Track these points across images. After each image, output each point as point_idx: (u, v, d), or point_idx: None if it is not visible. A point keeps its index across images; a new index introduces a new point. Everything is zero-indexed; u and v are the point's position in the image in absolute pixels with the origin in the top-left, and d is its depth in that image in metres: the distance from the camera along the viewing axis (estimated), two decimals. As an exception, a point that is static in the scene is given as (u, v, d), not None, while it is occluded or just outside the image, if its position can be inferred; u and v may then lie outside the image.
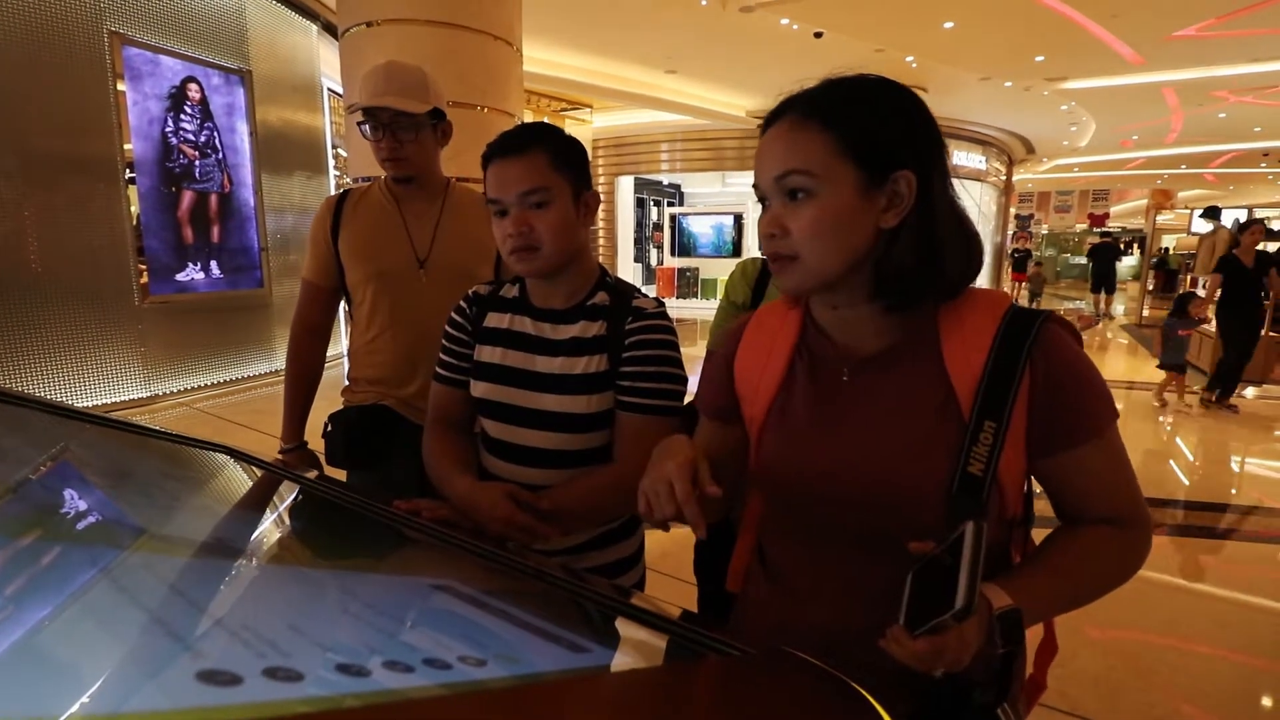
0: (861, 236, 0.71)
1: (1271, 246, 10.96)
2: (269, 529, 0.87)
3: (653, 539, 1.54)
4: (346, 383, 1.67)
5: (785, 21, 7.99)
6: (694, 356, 1.53)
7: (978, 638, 0.61)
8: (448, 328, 1.21)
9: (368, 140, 1.53)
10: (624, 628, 0.64)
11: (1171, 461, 4.82)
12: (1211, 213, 10.34)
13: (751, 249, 15.33)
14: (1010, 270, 14.12)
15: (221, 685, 0.34)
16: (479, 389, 1.15)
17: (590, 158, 1.19)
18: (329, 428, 1.61)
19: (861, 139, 0.70)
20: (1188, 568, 3.08)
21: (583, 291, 1.12)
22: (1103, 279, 13.98)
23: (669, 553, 3.03)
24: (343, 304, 1.73)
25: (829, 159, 0.70)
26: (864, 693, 0.51)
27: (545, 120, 11.38)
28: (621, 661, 0.61)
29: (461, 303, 1.21)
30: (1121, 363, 8.61)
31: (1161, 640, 2.40)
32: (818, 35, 8.44)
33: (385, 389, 1.59)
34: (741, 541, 0.92)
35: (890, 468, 0.74)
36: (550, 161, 1.04)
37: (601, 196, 1.26)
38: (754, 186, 0.76)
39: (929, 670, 0.61)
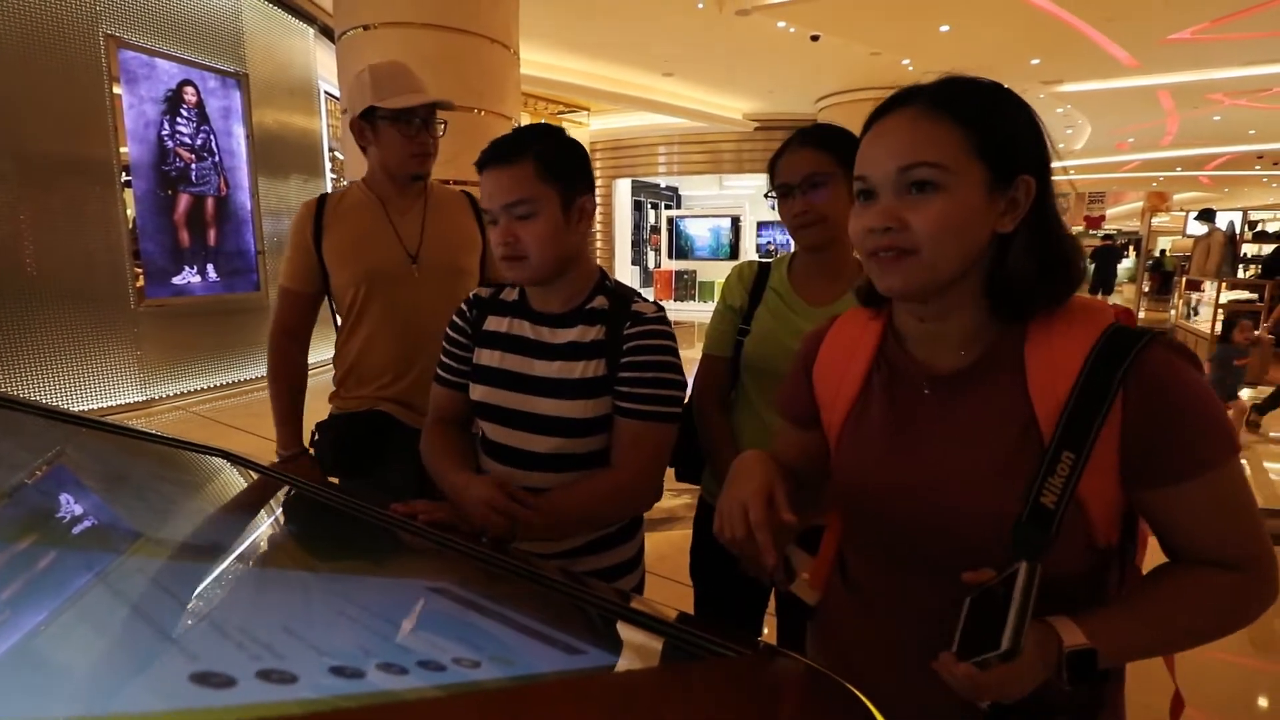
0: (980, 239, 0.68)
1: (1267, 249, 11.02)
2: (265, 532, 0.87)
3: (649, 542, 1.54)
4: (334, 387, 1.65)
5: (782, 25, 8.02)
6: (691, 359, 1.51)
7: (1031, 675, 0.61)
8: (449, 330, 1.21)
9: (391, 136, 1.54)
10: (620, 629, 0.64)
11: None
12: (1206, 215, 10.39)
13: (749, 251, 15.37)
14: None
15: (216, 688, 0.34)
16: (477, 392, 1.15)
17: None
18: (316, 437, 1.61)
19: (992, 138, 0.67)
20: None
21: (581, 295, 1.12)
22: (1102, 280, 14.39)
23: (665, 555, 3.03)
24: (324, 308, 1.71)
25: (961, 154, 0.66)
26: (860, 696, 0.51)
27: (544, 122, 11.39)
28: (617, 663, 0.61)
29: (463, 305, 1.21)
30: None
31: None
32: (814, 38, 8.46)
33: (379, 389, 1.58)
34: (825, 548, 0.88)
35: (961, 492, 0.71)
36: (537, 171, 1.03)
37: (598, 200, 1.27)
38: (858, 178, 0.72)
39: (975, 700, 0.61)
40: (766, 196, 1.31)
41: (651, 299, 1.22)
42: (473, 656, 0.47)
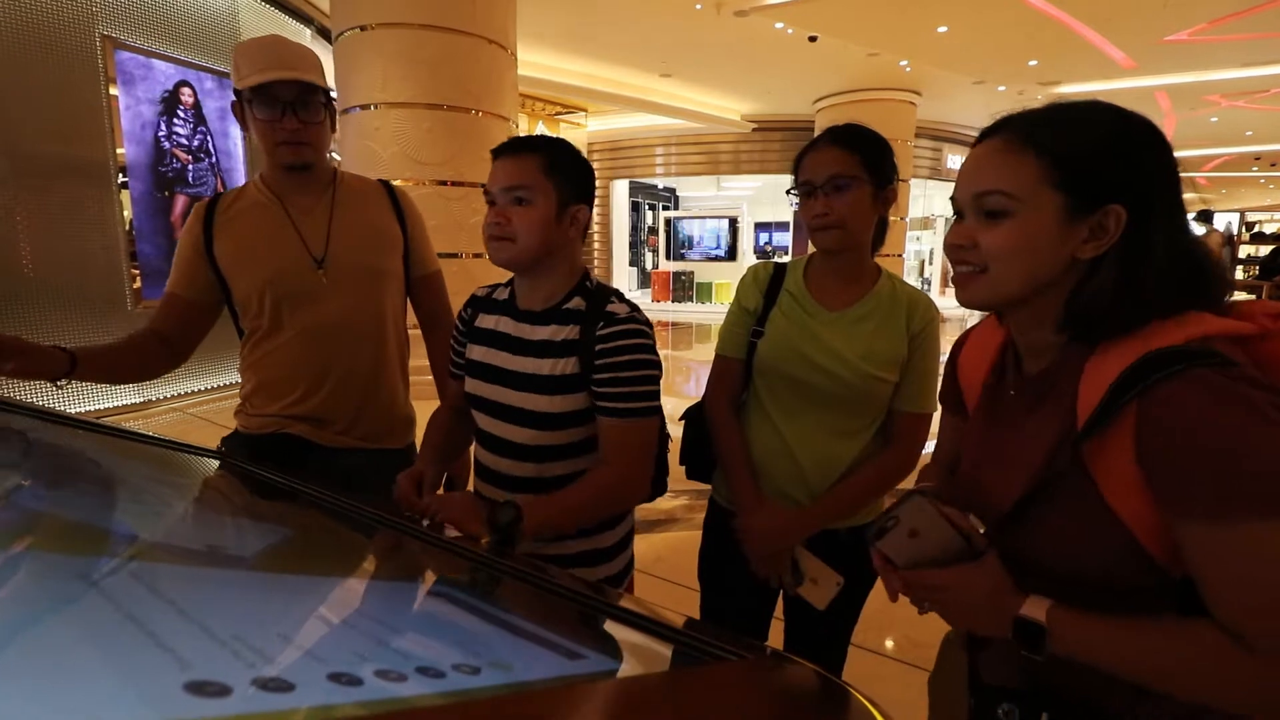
0: (1052, 263, 0.71)
1: (1263, 250, 11.05)
2: (261, 536, 0.86)
3: (646, 543, 1.53)
4: (240, 401, 1.49)
5: (779, 26, 8.02)
6: (689, 359, 1.52)
7: (971, 610, 0.73)
8: (455, 325, 1.30)
9: (255, 122, 1.33)
10: (623, 634, 0.64)
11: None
12: (1204, 216, 10.42)
13: (746, 253, 15.37)
14: None
15: (210, 697, 0.33)
16: (468, 384, 1.23)
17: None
18: (222, 448, 1.47)
19: (1072, 169, 0.69)
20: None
21: (559, 295, 1.17)
22: None
23: (662, 557, 3.03)
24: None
25: (1034, 185, 0.70)
26: (863, 699, 0.51)
27: (558, 135, 11.38)
28: (620, 669, 0.61)
29: (465, 304, 1.29)
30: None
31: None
32: (812, 39, 8.47)
33: (287, 406, 1.41)
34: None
35: (1008, 499, 0.76)
36: (541, 166, 1.10)
37: (595, 206, 1.27)
38: (951, 199, 0.78)
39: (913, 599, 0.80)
40: (788, 193, 1.28)
41: (649, 299, 1.26)
42: (473, 663, 0.46)
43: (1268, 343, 0.68)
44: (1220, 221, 10.43)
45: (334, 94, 5.99)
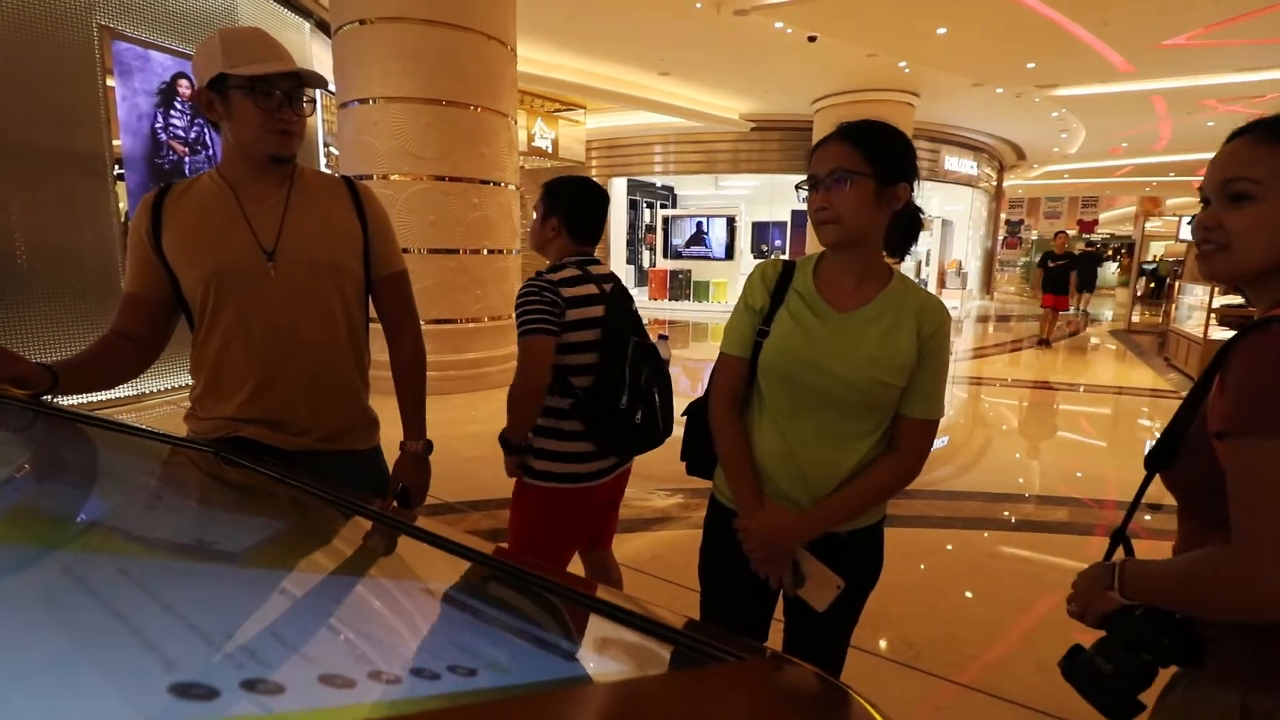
0: None
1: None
2: (253, 531, 0.86)
3: (642, 541, 1.53)
4: (190, 404, 1.44)
5: (779, 25, 8.02)
6: (687, 357, 1.53)
7: (1092, 586, 0.92)
8: None
9: (251, 111, 1.30)
10: (620, 634, 0.63)
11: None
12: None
13: (744, 252, 15.37)
14: (1040, 288, 10.01)
15: (197, 700, 0.33)
16: None
17: (584, 159, 1.21)
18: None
19: None
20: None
21: None
22: (1086, 282, 15.77)
23: (659, 555, 3.03)
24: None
25: (1278, 172, 0.80)
26: (862, 700, 0.51)
27: (555, 132, 11.34)
28: (618, 670, 0.60)
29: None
30: (1111, 368, 8.68)
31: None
32: (811, 39, 8.47)
33: (239, 407, 1.37)
34: None
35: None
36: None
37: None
38: (1199, 188, 0.90)
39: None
40: (797, 188, 1.26)
41: (646, 298, 1.27)
42: (469, 664, 0.46)
43: None
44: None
45: (331, 89, 5.98)
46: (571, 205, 1.79)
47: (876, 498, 1.26)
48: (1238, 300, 8.62)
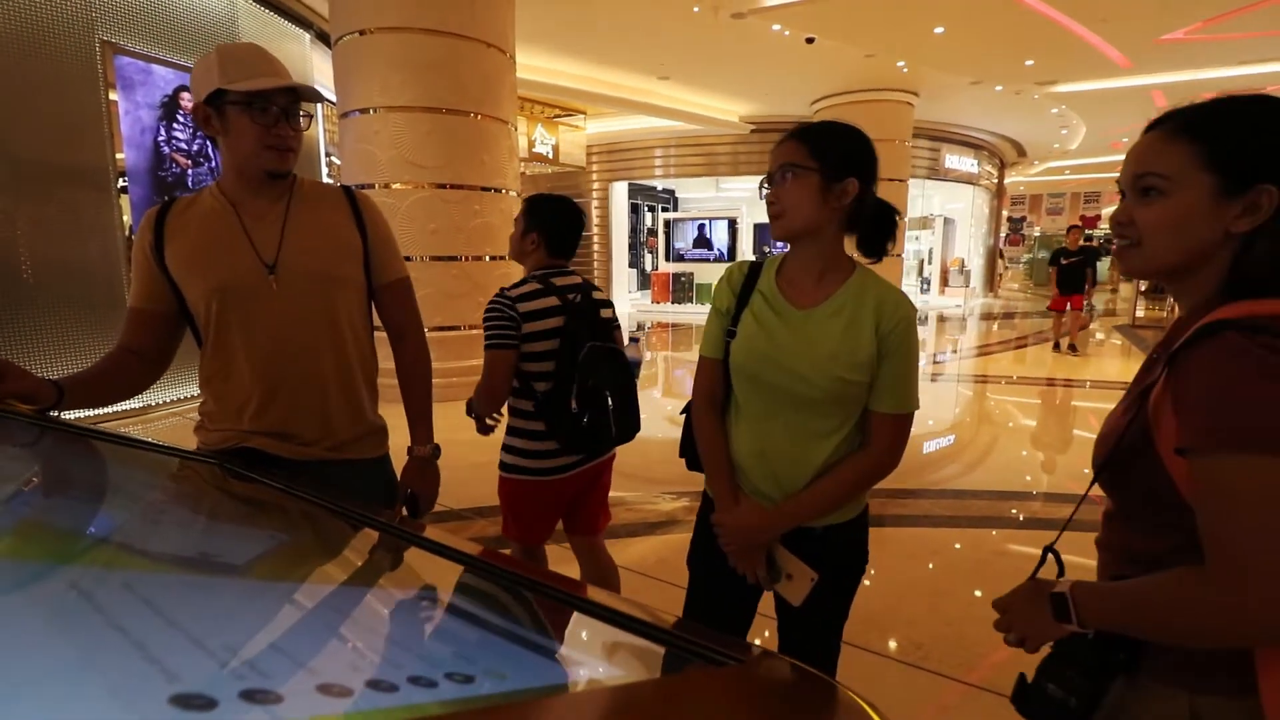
0: (1201, 236, 0.79)
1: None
2: (256, 542, 0.86)
3: (647, 545, 1.53)
4: (199, 418, 1.45)
5: (777, 28, 8.03)
6: (690, 360, 1.55)
7: (1029, 613, 0.88)
8: None
9: (248, 126, 1.30)
10: (617, 637, 0.63)
11: None
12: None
13: (746, 253, 15.37)
14: (1054, 285, 8.90)
15: (197, 710, 0.33)
16: None
17: (584, 164, 1.24)
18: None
19: (1223, 153, 0.77)
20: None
21: None
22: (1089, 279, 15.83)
23: (664, 559, 3.02)
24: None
25: (1185, 168, 0.78)
26: (860, 701, 0.51)
27: (555, 138, 11.37)
28: (614, 673, 0.60)
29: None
30: (1116, 363, 8.65)
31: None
32: (809, 41, 8.48)
33: (247, 419, 1.38)
34: None
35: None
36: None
37: (594, 202, 1.29)
38: (1116, 180, 0.89)
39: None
40: (760, 187, 1.29)
41: (649, 301, 1.27)
42: (465, 671, 0.46)
43: None
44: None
45: (332, 99, 6.01)
46: (552, 222, 1.97)
47: (846, 493, 1.27)
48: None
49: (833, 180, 1.19)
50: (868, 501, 1.37)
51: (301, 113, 1.36)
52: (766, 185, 1.25)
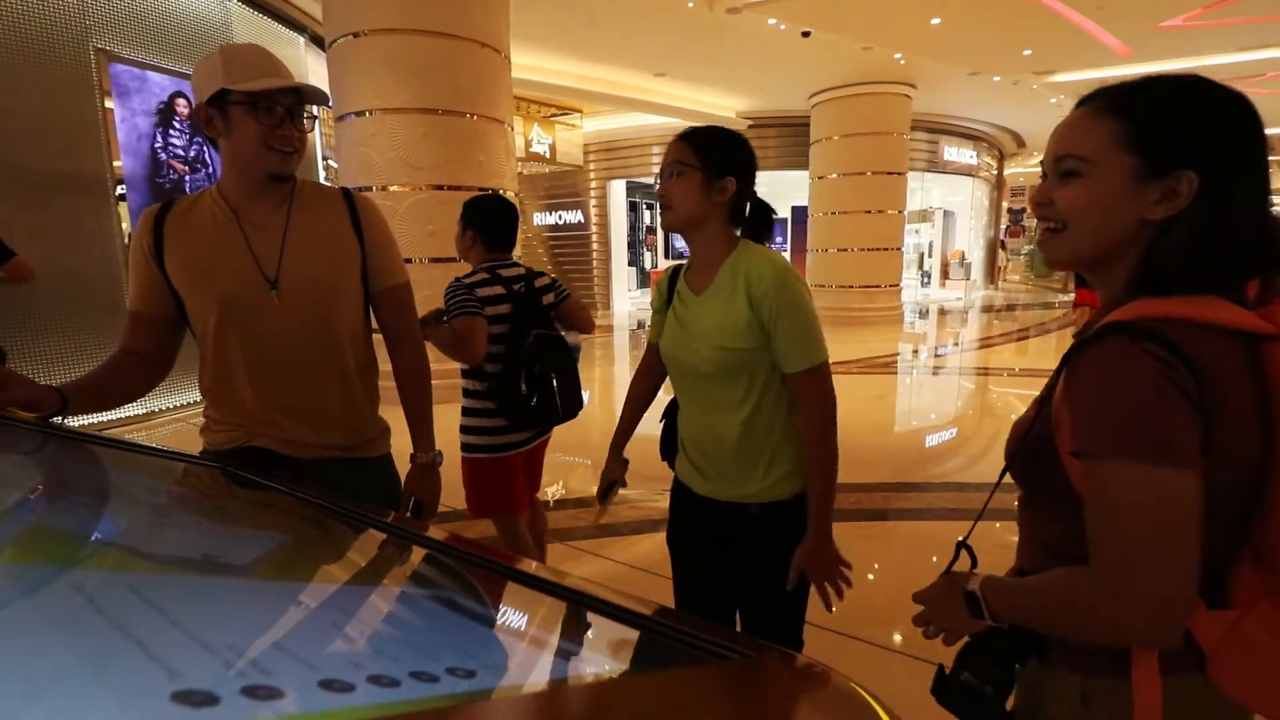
0: (1120, 222, 0.75)
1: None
2: (258, 544, 0.86)
3: (652, 542, 1.54)
4: (204, 419, 1.46)
5: (772, 22, 8.01)
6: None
7: (945, 607, 0.89)
8: None
9: (252, 127, 1.29)
10: (622, 633, 0.63)
11: None
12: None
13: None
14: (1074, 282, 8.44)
15: (197, 706, 0.33)
16: None
17: (581, 162, 1.29)
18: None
19: (1144, 133, 0.73)
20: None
21: None
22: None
23: (668, 557, 3.02)
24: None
25: (1106, 148, 0.75)
26: (865, 695, 0.51)
27: (552, 137, 11.37)
28: (617, 668, 0.60)
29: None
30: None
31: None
32: (805, 34, 8.46)
33: (245, 425, 1.38)
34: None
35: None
36: None
37: (591, 201, 1.34)
38: (1040, 163, 0.85)
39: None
40: (655, 181, 1.45)
41: (648, 299, 1.34)
42: (467, 666, 0.46)
43: (1271, 346, 0.70)
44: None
45: (327, 105, 6.01)
46: (485, 219, 2.24)
47: (814, 457, 1.33)
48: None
49: (714, 178, 1.33)
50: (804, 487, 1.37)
51: (306, 114, 1.35)
52: (659, 180, 1.38)
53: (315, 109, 1.35)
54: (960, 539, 0.98)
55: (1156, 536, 0.68)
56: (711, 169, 1.33)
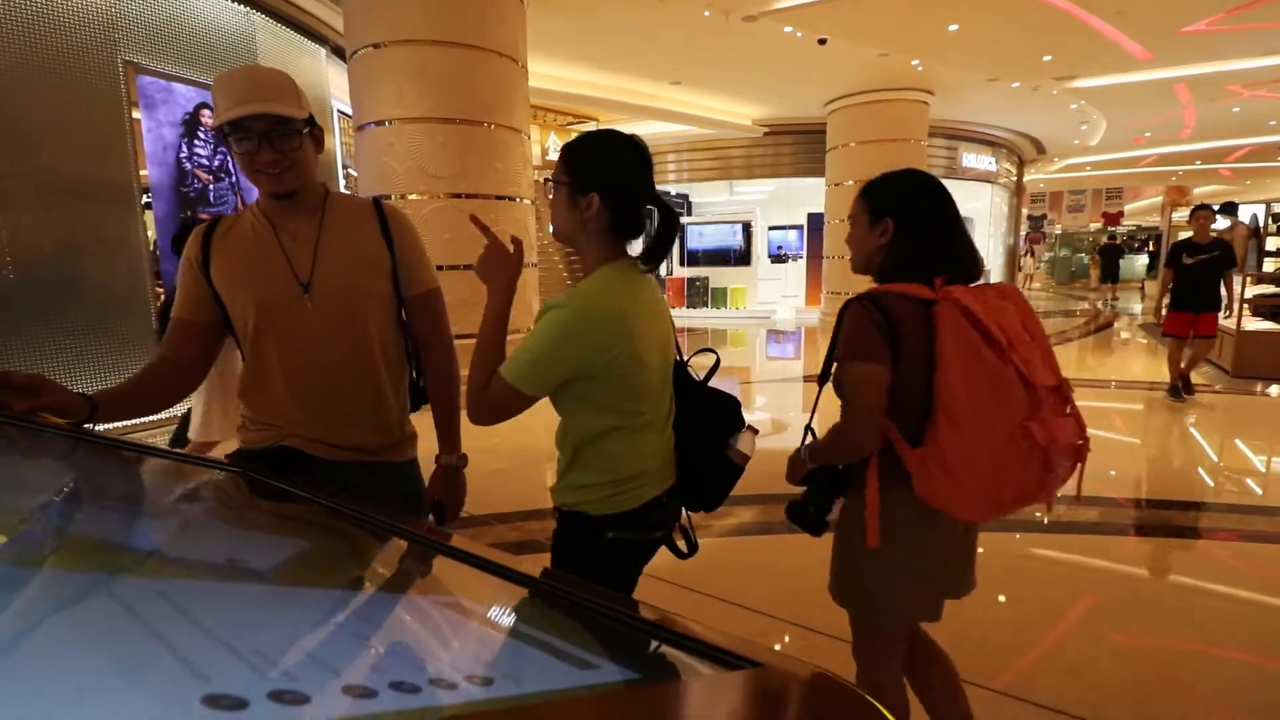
0: (867, 248, 1.58)
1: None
2: (280, 549, 0.88)
3: (663, 552, 1.54)
4: (241, 420, 1.52)
5: (789, 30, 8.02)
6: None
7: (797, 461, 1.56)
8: None
9: (236, 155, 1.36)
10: (635, 642, 0.64)
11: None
12: (1229, 208, 10.20)
13: (760, 257, 15.32)
14: (1166, 298, 6.18)
15: (227, 710, 0.34)
16: None
17: None
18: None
19: (869, 201, 1.51)
20: (1213, 570, 3.02)
21: None
22: (1110, 274, 17.28)
23: (679, 566, 3.01)
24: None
25: (859, 209, 1.54)
26: (878, 706, 0.50)
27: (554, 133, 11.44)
28: (631, 678, 0.60)
29: None
30: (1142, 362, 8.50)
31: (1188, 646, 2.35)
32: (821, 42, 8.46)
33: (284, 429, 1.45)
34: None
35: None
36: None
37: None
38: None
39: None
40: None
41: None
42: (484, 674, 0.47)
43: (935, 307, 1.34)
44: (1245, 213, 10.21)
45: (329, 114, 6.07)
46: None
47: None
48: (1270, 290, 8.41)
49: (578, 194, 1.30)
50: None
51: (304, 129, 1.38)
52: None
53: (302, 125, 1.37)
54: (807, 424, 1.57)
55: (862, 399, 1.37)
56: (576, 184, 1.31)
